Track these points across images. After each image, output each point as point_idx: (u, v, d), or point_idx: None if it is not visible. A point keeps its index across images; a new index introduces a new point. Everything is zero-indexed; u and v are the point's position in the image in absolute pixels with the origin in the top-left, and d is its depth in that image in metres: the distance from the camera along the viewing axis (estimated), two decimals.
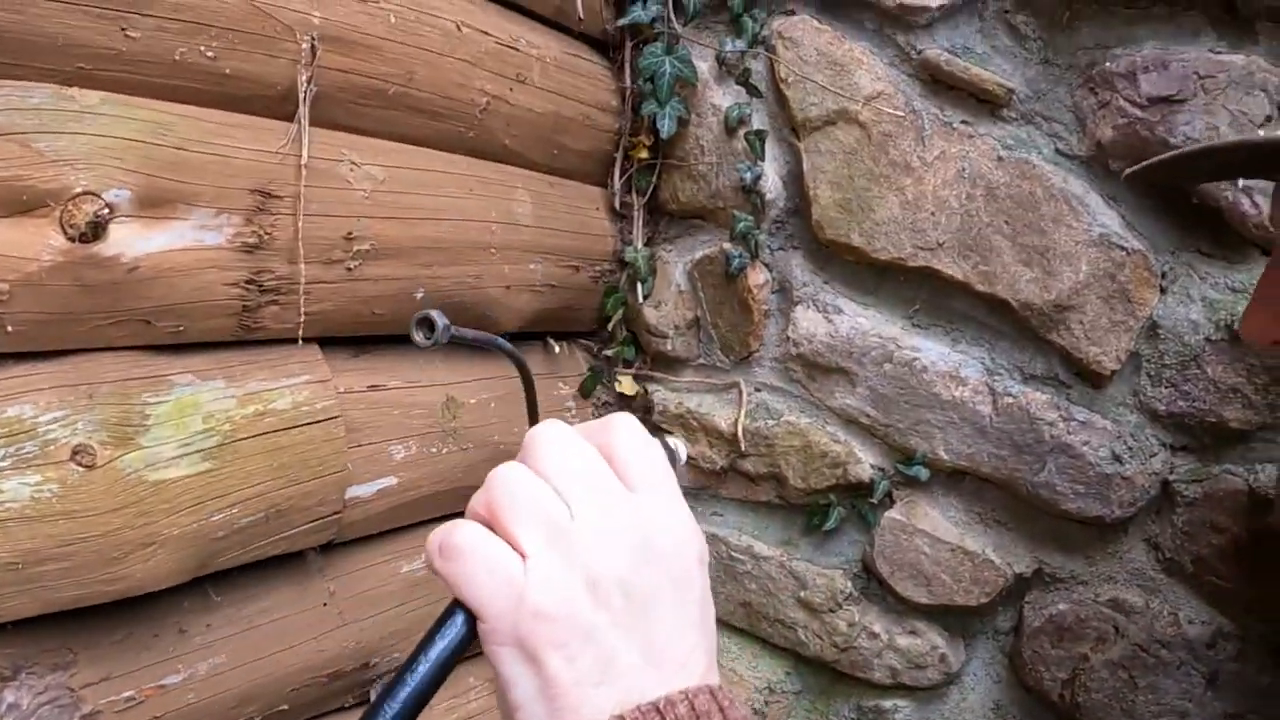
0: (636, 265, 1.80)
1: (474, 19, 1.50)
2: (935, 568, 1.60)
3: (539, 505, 0.61)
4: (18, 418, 1.00)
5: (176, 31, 1.10)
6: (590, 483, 0.63)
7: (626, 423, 0.68)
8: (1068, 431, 1.50)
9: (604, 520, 0.62)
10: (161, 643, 1.17)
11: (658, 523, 0.63)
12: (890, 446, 1.65)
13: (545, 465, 0.63)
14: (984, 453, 1.56)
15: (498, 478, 0.63)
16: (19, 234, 0.99)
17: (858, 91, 1.61)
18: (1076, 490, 1.50)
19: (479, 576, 0.60)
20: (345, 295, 1.33)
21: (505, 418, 1.55)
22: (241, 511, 1.19)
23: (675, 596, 0.62)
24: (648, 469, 0.66)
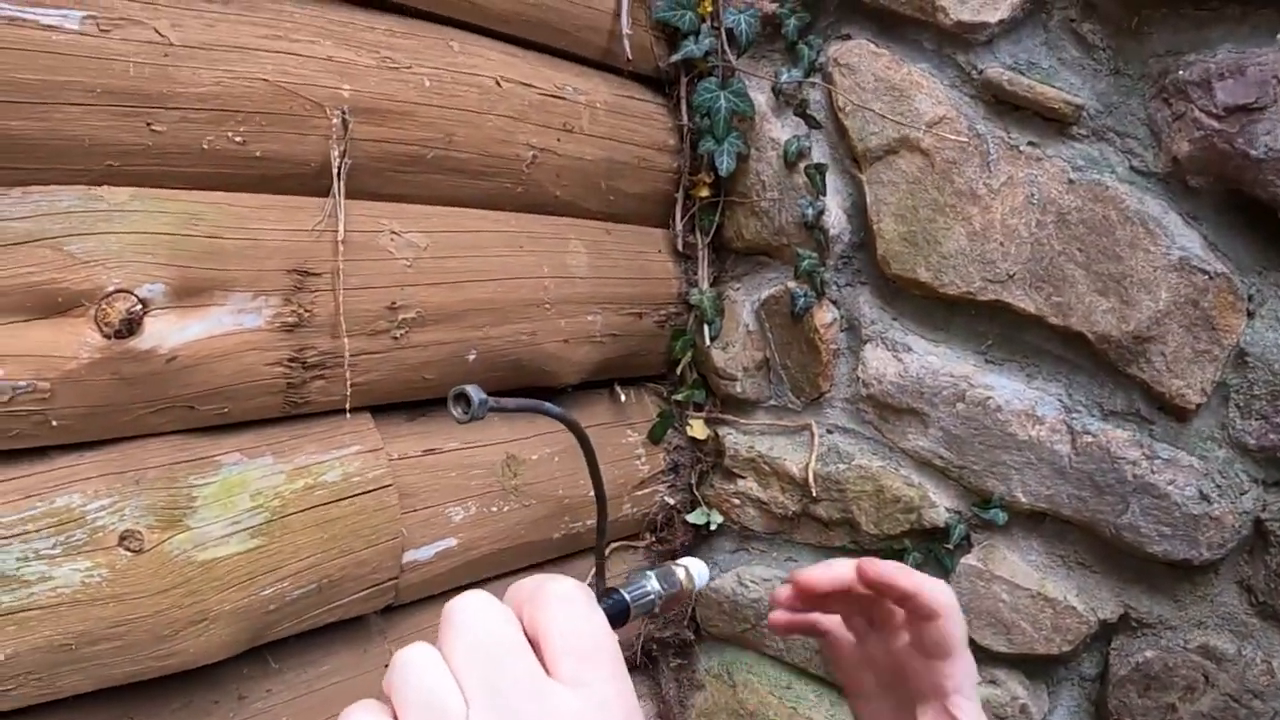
0: (703, 306, 1.85)
1: (514, 71, 1.56)
2: (1014, 615, 1.60)
3: (432, 702, 0.58)
4: (66, 507, 1.08)
5: (203, 121, 1.18)
6: (496, 674, 0.58)
7: (562, 591, 0.62)
8: (1151, 470, 1.49)
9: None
10: (221, 709, 1.26)
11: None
12: (966, 489, 1.66)
13: (454, 649, 0.60)
14: (1064, 494, 1.56)
15: (399, 663, 0.60)
16: (56, 334, 1.07)
17: (918, 117, 1.63)
18: (1162, 532, 1.48)
19: None
20: (393, 364, 1.39)
21: (569, 470, 1.61)
22: (293, 584, 1.27)
23: None
24: (577, 652, 0.60)
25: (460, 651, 0.59)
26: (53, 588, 1.07)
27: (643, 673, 1.92)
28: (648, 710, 1.89)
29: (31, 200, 1.07)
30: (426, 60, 1.43)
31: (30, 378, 1.05)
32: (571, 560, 1.72)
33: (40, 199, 1.07)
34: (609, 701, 0.58)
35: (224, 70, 1.19)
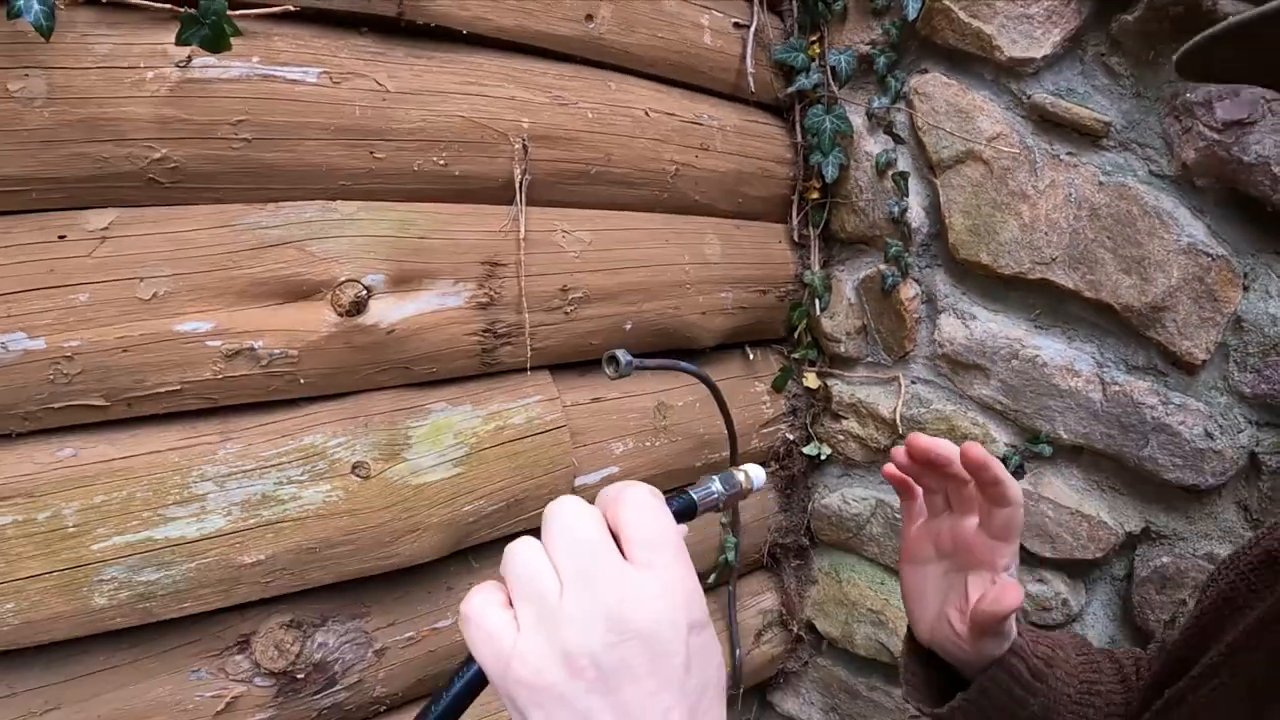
0: (814, 285, 1.74)
1: (660, 104, 1.48)
2: (1058, 528, 1.47)
3: (535, 583, 0.58)
4: (311, 444, 1.07)
5: (414, 149, 1.14)
6: (584, 561, 0.58)
7: (637, 496, 0.61)
8: (1166, 413, 1.35)
9: (587, 600, 0.56)
10: (433, 597, 1.23)
11: (641, 599, 0.56)
12: (1020, 428, 1.52)
13: (550, 541, 0.59)
14: (1097, 432, 1.42)
15: (510, 553, 0.60)
16: (301, 314, 1.05)
17: (980, 134, 1.49)
18: (1175, 463, 1.35)
19: (478, 643, 0.58)
20: (566, 333, 1.34)
21: (708, 414, 1.53)
22: (488, 502, 1.23)
23: (650, 666, 0.55)
24: (647, 543, 0.59)
25: (556, 543, 0.58)
26: (301, 505, 1.06)
27: (768, 571, 1.84)
28: (774, 599, 1.81)
29: (283, 213, 1.05)
30: (589, 97, 1.36)
31: (283, 347, 1.04)
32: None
33: (289, 212, 1.05)
34: (672, 580, 0.57)
35: (429, 110, 1.15)
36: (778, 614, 1.81)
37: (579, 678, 0.55)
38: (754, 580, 1.80)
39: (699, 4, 1.55)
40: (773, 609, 1.80)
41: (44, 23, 0.78)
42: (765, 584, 1.81)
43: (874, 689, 1.76)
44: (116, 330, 0.92)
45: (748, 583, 1.77)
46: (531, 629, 0.57)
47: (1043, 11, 1.41)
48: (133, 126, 0.90)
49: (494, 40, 1.23)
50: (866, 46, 1.63)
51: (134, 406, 0.95)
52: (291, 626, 1.09)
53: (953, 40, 1.50)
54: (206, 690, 1.03)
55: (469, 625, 0.59)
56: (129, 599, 0.95)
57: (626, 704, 0.54)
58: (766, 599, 1.80)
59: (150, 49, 0.91)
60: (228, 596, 1.02)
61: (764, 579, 1.82)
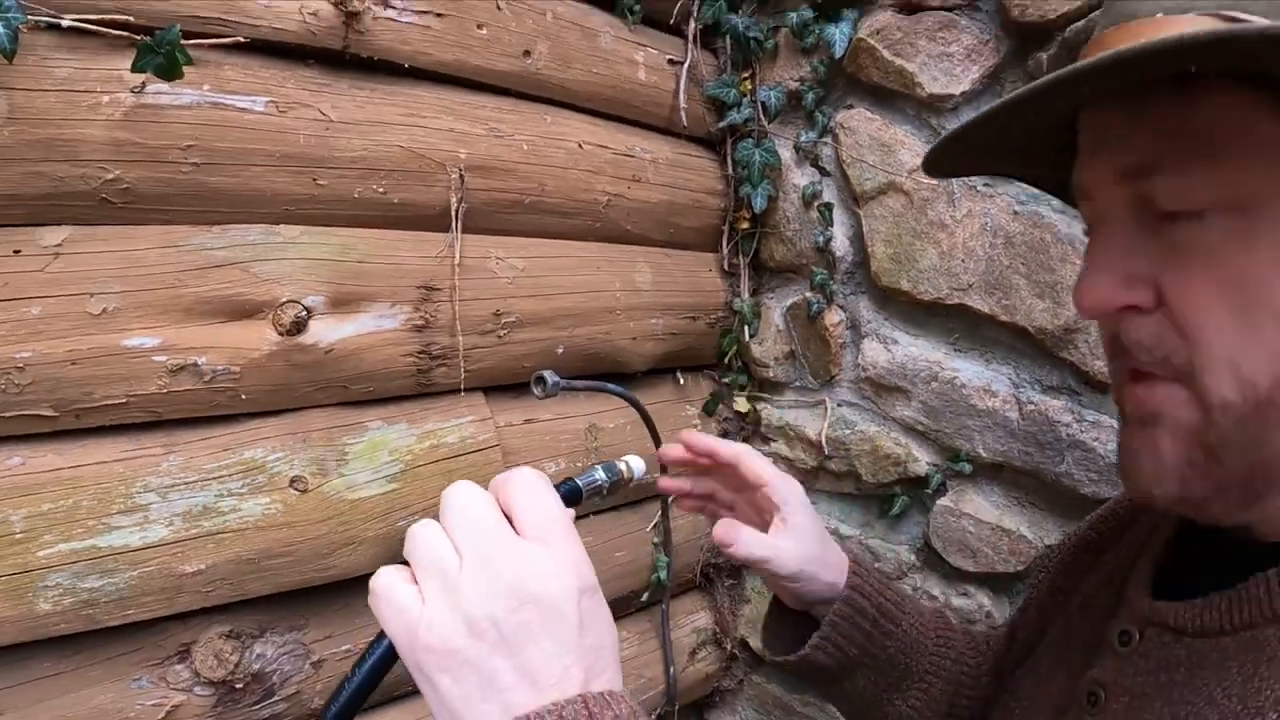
0: (744, 312, 1.85)
1: (594, 137, 1.58)
2: (980, 543, 1.57)
3: (437, 559, 0.64)
4: (252, 458, 1.14)
5: (355, 177, 1.22)
6: (480, 537, 0.64)
7: (526, 478, 0.69)
8: (1081, 430, 1.45)
9: (485, 569, 0.63)
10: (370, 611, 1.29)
11: (534, 568, 0.64)
12: (941, 447, 1.63)
13: (448, 522, 0.66)
14: (1014, 450, 1.53)
15: (412, 534, 0.67)
16: (244, 333, 1.12)
17: (902, 167, 1.61)
18: (1091, 477, 1.45)
19: (388, 616, 0.65)
20: (499, 355, 1.42)
21: (639, 436, 1.59)
22: (422, 517, 1.30)
23: (547, 628, 0.62)
24: (536, 519, 0.66)
25: (453, 523, 0.65)
26: (241, 517, 1.12)
27: (702, 591, 1.92)
28: (708, 618, 1.90)
29: (228, 235, 1.12)
30: (525, 130, 1.45)
31: (226, 363, 1.11)
32: (642, 505, 1.73)
33: (235, 234, 1.13)
34: (561, 551, 0.64)
35: (370, 139, 1.23)
36: (711, 632, 1.90)
37: (482, 640, 0.61)
38: (688, 600, 1.88)
39: (634, 41, 1.67)
40: (706, 627, 1.89)
41: (7, 45, 0.86)
42: (699, 603, 1.90)
43: (808, 704, 1.84)
44: (67, 343, 0.99)
45: (681, 602, 1.86)
46: (436, 600, 0.63)
47: (963, 50, 1.54)
48: (88, 148, 0.98)
49: (434, 74, 1.32)
50: (795, 83, 1.76)
51: (81, 418, 1.02)
52: (231, 637, 1.15)
53: (877, 77, 1.63)
54: (148, 699, 1.08)
55: (378, 600, 0.66)
56: (73, 605, 1.00)
57: (527, 663, 0.61)
58: (700, 618, 1.89)
59: (107, 74, 0.99)
60: (170, 605, 1.08)
61: (698, 598, 1.90)
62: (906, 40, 1.58)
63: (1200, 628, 0.67)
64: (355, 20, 1.18)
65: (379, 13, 1.22)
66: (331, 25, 1.17)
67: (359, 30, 1.19)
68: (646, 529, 1.70)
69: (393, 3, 1.24)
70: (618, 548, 1.64)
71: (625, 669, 1.64)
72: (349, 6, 1.15)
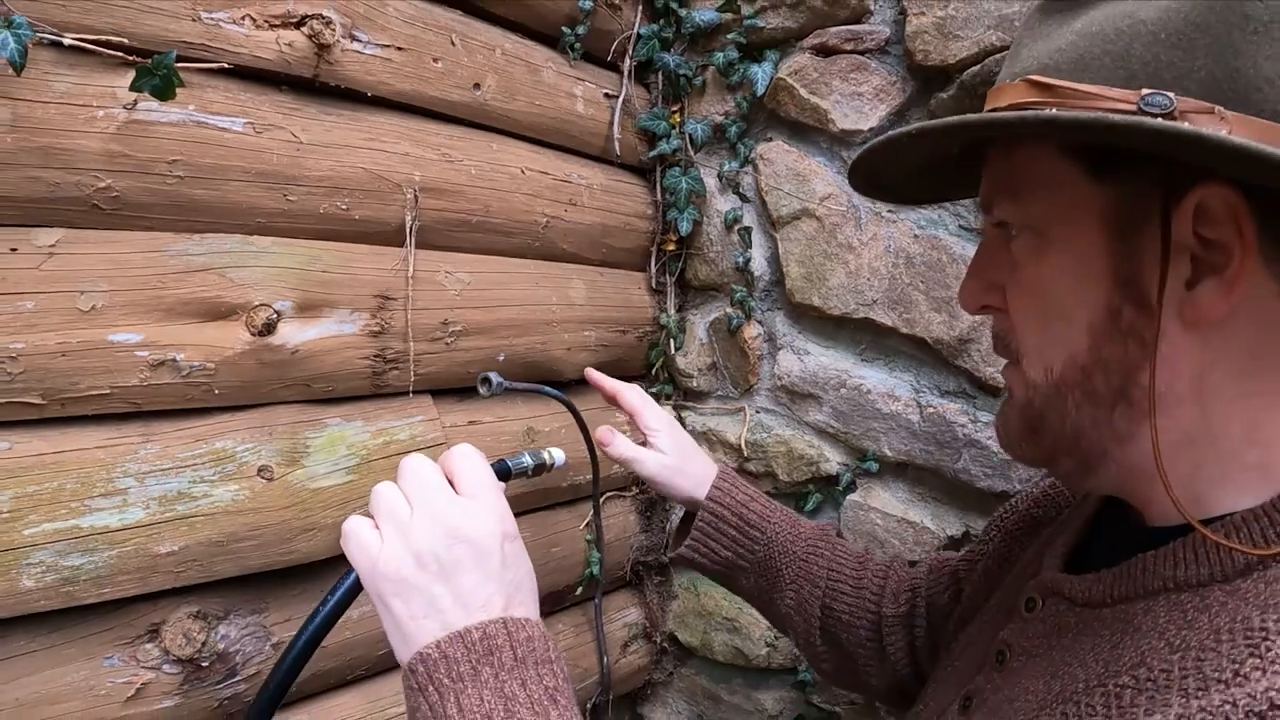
0: (670, 326, 1.97)
1: (535, 164, 1.68)
2: (887, 534, 1.69)
3: (393, 509, 0.82)
4: (223, 448, 1.20)
5: (321, 194, 1.30)
6: (426, 493, 0.82)
7: (465, 452, 0.87)
8: (975, 430, 1.58)
9: (430, 517, 0.80)
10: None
11: (468, 516, 0.80)
12: (850, 448, 1.74)
13: (403, 482, 0.83)
14: (916, 449, 1.65)
15: (374, 492, 0.84)
16: (219, 332, 1.20)
17: (814, 194, 1.74)
18: (986, 472, 1.57)
19: (353, 550, 0.83)
20: (446, 361, 1.50)
21: (574, 439, 1.68)
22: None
23: (477, 564, 0.79)
24: (472, 482, 0.84)
25: (407, 482, 0.83)
26: (212, 502, 1.19)
27: (632, 588, 2.02)
28: (638, 614, 1.99)
29: (207, 243, 1.19)
30: (473, 155, 1.55)
31: (202, 360, 1.18)
32: (576, 504, 1.82)
33: (213, 242, 1.20)
34: (489, 505, 0.83)
35: (336, 160, 1.32)
36: (642, 627, 1.99)
37: (425, 570, 0.78)
38: (620, 596, 1.98)
39: (574, 76, 1.78)
40: (637, 622, 1.99)
41: (19, 60, 0.93)
42: (630, 599, 2.00)
43: (734, 693, 1.95)
44: (57, 336, 1.06)
45: (614, 599, 1.95)
46: (392, 538, 0.80)
47: (872, 90, 1.67)
48: (83, 157, 1.06)
49: (394, 103, 1.42)
50: (721, 117, 1.88)
51: (67, 407, 1.08)
52: (198, 617, 1.20)
53: (794, 113, 1.76)
54: (118, 677, 1.13)
55: (347, 540, 0.84)
56: (55, 582, 1.06)
57: (460, 589, 0.78)
58: (631, 613, 1.99)
59: (102, 90, 1.07)
60: (144, 584, 1.13)
61: (629, 595, 2.00)
62: (822, 80, 1.72)
63: (1088, 598, 0.76)
64: (326, 51, 1.27)
65: (347, 45, 1.32)
66: (304, 55, 1.26)
67: (329, 61, 1.29)
68: (580, 526, 1.80)
69: (359, 36, 1.34)
70: (554, 543, 1.73)
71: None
72: (321, 39, 1.25)
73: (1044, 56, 0.71)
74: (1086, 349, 0.72)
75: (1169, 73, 0.64)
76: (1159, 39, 0.65)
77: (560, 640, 1.77)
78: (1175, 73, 0.64)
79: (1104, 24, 0.68)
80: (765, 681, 1.92)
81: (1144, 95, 0.64)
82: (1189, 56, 0.64)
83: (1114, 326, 0.70)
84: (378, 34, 1.37)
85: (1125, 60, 0.66)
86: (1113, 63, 0.66)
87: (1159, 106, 0.63)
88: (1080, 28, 0.69)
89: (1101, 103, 0.65)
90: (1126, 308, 0.70)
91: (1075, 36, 0.69)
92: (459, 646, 0.74)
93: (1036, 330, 0.77)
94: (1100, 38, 0.67)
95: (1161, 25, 0.65)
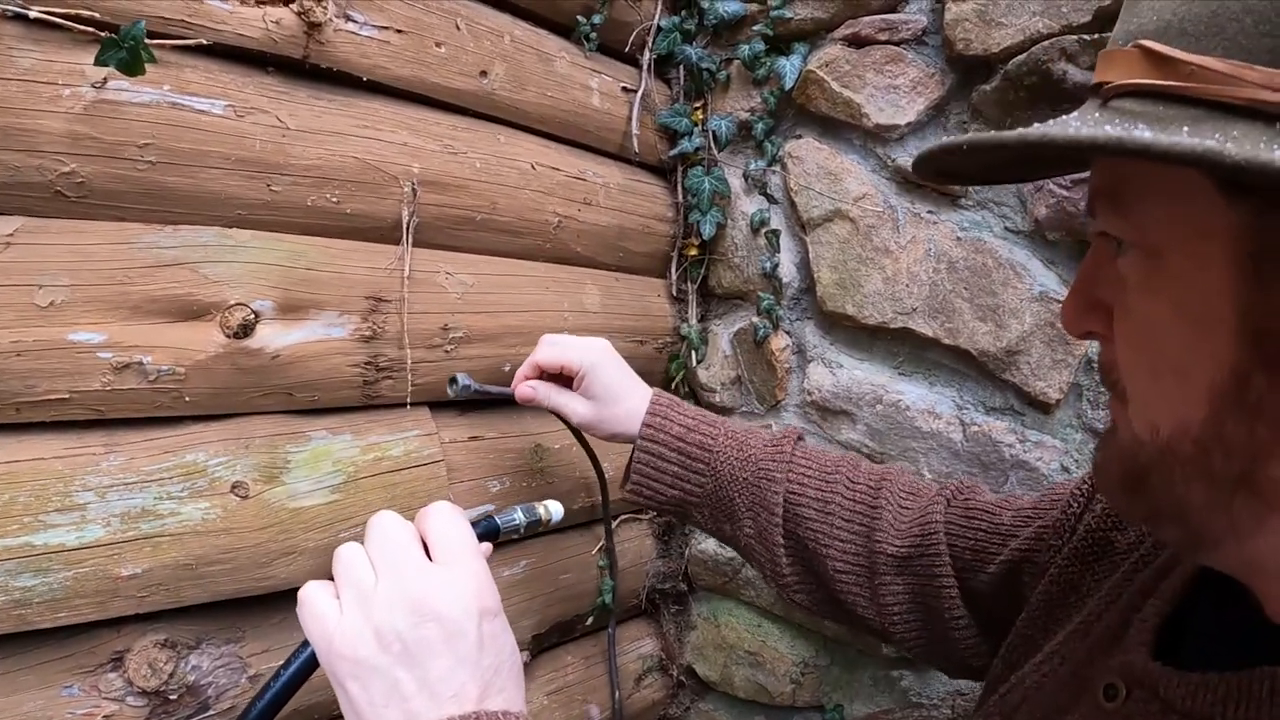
0: (691, 337, 1.90)
1: (546, 159, 1.62)
2: None
3: (355, 575, 0.76)
4: (193, 461, 1.14)
5: (308, 185, 1.24)
6: (395, 560, 0.76)
7: (441, 510, 0.82)
8: (1024, 450, 1.51)
9: (396, 588, 0.73)
10: None
11: (439, 588, 0.74)
12: None
13: (370, 544, 0.78)
14: (959, 470, 1.58)
15: (337, 554, 0.79)
16: (190, 333, 1.13)
17: (848, 195, 1.68)
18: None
19: (309, 623, 0.76)
20: (446, 370, 1.43)
21: (584, 458, 1.65)
22: (362, 530, 1.31)
23: (448, 646, 0.71)
24: (447, 547, 0.78)
25: (373, 545, 0.78)
26: (180, 521, 1.12)
27: (648, 617, 1.95)
28: (653, 645, 1.92)
29: (179, 235, 1.13)
30: (479, 148, 1.49)
31: (171, 364, 1.12)
32: (590, 527, 1.75)
33: (186, 235, 1.14)
34: (465, 575, 0.76)
35: (325, 149, 1.26)
36: (657, 659, 1.92)
37: (387, 651, 0.71)
38: (633, 626, 1.90)
39: (589, 67, 1.72)
40: (652, 654, 1.91)
41: None
42: (644, 629, 1.92)
43: None
44: (12, 334, 0.99)
45: (627, 628, 1.88)
46: (351, 610, 0.74)
47: (909, 83, 1.61)
48: (46, 139, 1.00)
49: (391, 89, 1.36)
50: (746, 113, 1.82)
51: (22, 412, 1.02)
52: (166, 646, 1.14)
53: (825, 108, 1.70)
54: (79, 708, 1.07)
55: (302, 608, 0.78)
56: (5, 603, 1.00)
57: (427, 675, 0.70)
58: (646, 644, 1.91)
59: (69, 67, 1.01)
60: (103, 609, 1.07)
61: (643, 625, 1.93)
62: (855, 73, 1.66)
63: (1190, 709, 0.64)
64: (317, 31, 1.21)
65: (340, 25, 1.26)
66: (293, 34, 1.20)
67: (320, 41, 1.23)
68: (592, 551, 1.73)
69: (354, 16, 1.28)
70: (564, 570, 1.66)
71: (570, 694, 1.67)
72: (312, 17, 1.19)
73: (1168, 9, 0.56)
74: (1203, 420, 0.58)
75: None
76: None
77: (569, 674, 1.70)
78: None
79: None
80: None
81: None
82: None
83: (1241, 397, 0.56)
84: (375, 14, 1.31)
85: (1274, 23, 0.50)
86: (1255, 25, 0.51)
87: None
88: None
89: (1240, 88, 0.50)
90: (1258, 375, 0.55)
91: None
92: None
93: (1144, 379, 0.63)
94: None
95: None
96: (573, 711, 1.68)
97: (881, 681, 1.69)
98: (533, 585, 1.60)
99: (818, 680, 1.76)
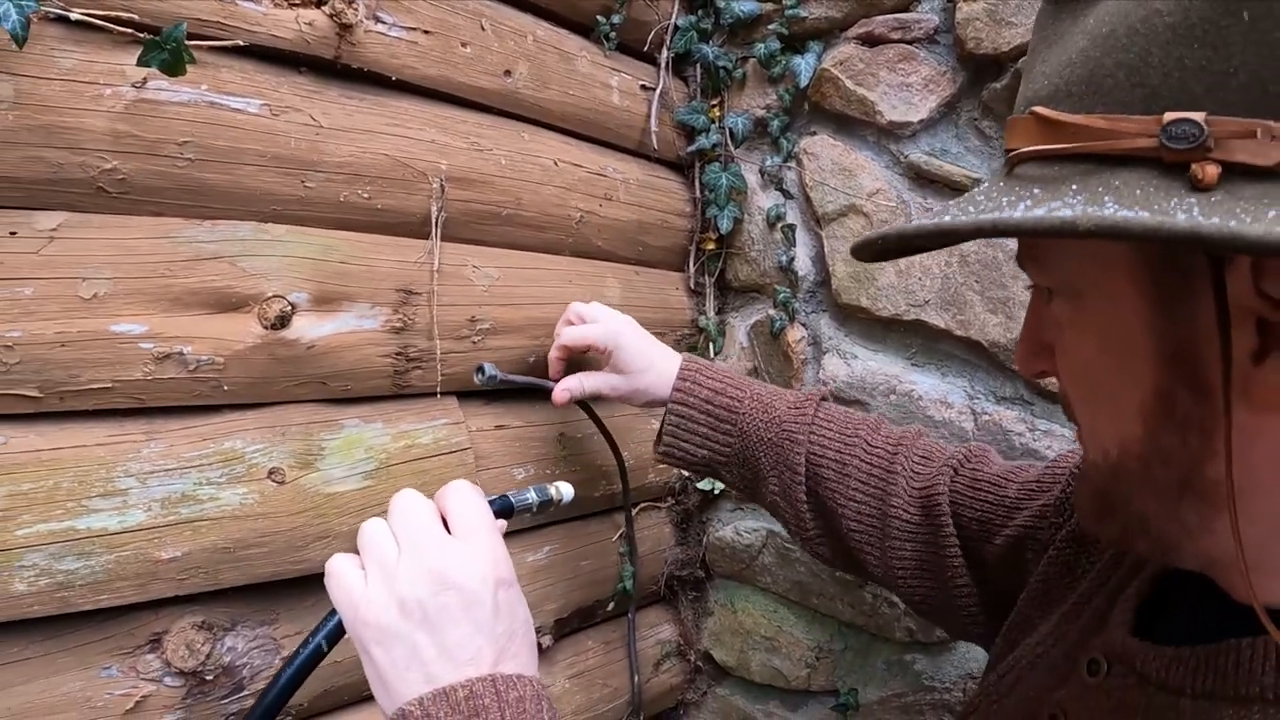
0: (709, 330, 1.90)
1: (568, 155, 1.62)
2: None
3: (379, 549, 0.78)
4: (231, 448, 1.15)
5: (341, 181, 1.25)
6: (417, 534, 0.78)
7: (460, 488, 0.84)
8: (1034, 439, 1.50)
9: (417, 560, 0.76)
10: None
11: (458, 561, 0.76)
12: None
13: (393, 520, 0.81)
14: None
15: (362, 529, 0.81)
16: (229, 325, 1.14)
17: (861, 190, 1.67)
18: None
19: (336, 592, 0.79)
20: (474, 360, 1.44)
21: (605, 446, 1.65)
22: None
23: (465, 613, 0.74)
24: (465, 522, 0.80)
25: (395, 521, 0.81)
26: (218, 505, 1.13)
27: (666, 603, 1.95)
28: (672, 630, 1.92)
29: (218, 230, 1.14)
30: (504, 145, 1.49)
31: (210, 354, 1.13)
32: (611, 514, 1.75)
33: (224, 229, 1.15)
34: (482, 548, 0.79)
35: (357, 146, 1.27)
36: (675, 644, 1.92)
37: (409, 618, 0.73)
38: (652, 612, 1.90)
39: (609, 66, 1.72)
40: (670, 639, 1.91)
41: (20, 32, 0.88)
42: (663, 615, 1.93)
43: (771, 715, 1.87)
44: (56, 325, 1.00)
45: (646, 614, 1.88)
46: (376, 581, 0.76)
47: (921, 80, 1.61)
48: (88, 137, 1.00)
49: (419, 88, 1.36)
50: (762, 110, 1.82)
51: (66, 400, 1.03)
52: (203, 628, 1.15)
53: (840, 106, 1.70)
54: (117, 688, 1.08)
55: (331, 579, 0.80)
56: (48, 586, 1.01)
57: (446, 640, 0.73)
58: (664, 630, 1.91)
59: (110, 68, 1.02)
60: (143, 591, 1.08)
61: (662, 611, 1.93)
62: (868, 71, 1.65)
63: (1163, 680, 0.67)
64: (348, 32, 1.22)
65: (370, 26, 1.26)
66: (325, 36, 1.20)
67: (351, 42, 1.23)
68: (613, 538, 1.73)
69: (383, 18, 1.28)
70: (584, 556, 1.66)
71: (591, 678, 1.68)
72: (343, 19, 1.19)
73: (1054, 74, 0.59)
74: (1140, 437, 0.62)
75: (1198, 83, 0.50)
76: (1180, 36, 0.51)
77: (589, 659, 1.70)
78: (1206, 82, 0.50)
79: (1116, 21, 0.54)
80: (804, 704, 1.84)
81: (1166, 124, 0.50)
82: (1223, 56, 0.49)
83: (1169, 412, 0.60)
84: (403, 15, 1.32)
85: (1143, 73, 0.52)
86: (1128, 78, 0.53)
87: (1186, 139, 0.49)
88: (1092, 26, 0.56)
89: (1119, 140, 0.53)
90: (1180, 391, 0.59)
91: (1086, 41, 0.56)
92: (443, 705, 0.69)
93: (1087, 408, 0.68)
94: (1112, 42, 0.54)
95: (1183, 17, 0.51)
96: (594, 695, 1.69)
97: (895, 666, 1.69)
98: (555, 571, 1.60)
99: (832, 665, 1.76)
